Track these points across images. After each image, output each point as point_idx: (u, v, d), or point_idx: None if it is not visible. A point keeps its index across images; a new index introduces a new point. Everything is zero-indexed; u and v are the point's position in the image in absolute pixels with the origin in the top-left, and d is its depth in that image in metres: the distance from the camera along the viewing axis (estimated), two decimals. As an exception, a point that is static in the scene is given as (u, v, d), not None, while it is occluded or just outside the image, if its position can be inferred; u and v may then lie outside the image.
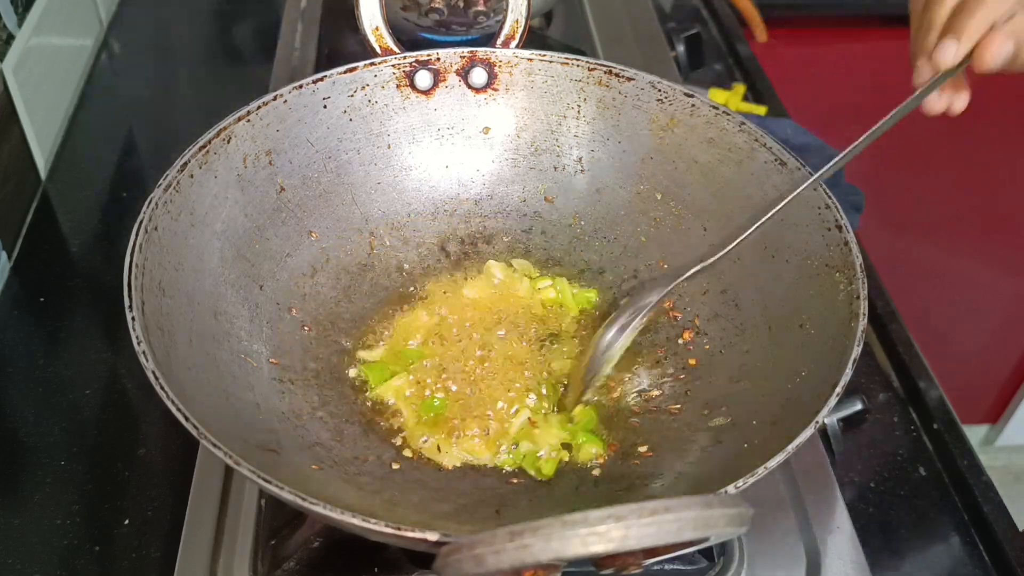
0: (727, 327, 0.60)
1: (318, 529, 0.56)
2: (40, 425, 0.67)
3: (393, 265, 0.66)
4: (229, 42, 1.14)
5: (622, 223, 0.67)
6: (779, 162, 0.59)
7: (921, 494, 0.66)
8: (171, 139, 0.94)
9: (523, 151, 0.68)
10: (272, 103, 0.61)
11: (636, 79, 0.64)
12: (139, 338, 0.46)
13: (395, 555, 0.55)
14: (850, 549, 0.59)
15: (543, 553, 0.32)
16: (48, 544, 0.60)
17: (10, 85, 0.81)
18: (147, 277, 0.50)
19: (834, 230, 0.55)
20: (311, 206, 0.64)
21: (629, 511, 0.32)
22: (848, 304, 0.52)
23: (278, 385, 0.56)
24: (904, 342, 0.75)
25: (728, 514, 0.34)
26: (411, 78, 0.65)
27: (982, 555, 0.63)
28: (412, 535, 0.40)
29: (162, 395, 0.44)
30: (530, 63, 0.66)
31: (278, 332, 0.59)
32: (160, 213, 0.53)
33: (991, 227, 1.59)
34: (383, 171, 0.67)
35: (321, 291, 0.63)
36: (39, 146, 0.87)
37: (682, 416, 0.57)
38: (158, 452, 0.65)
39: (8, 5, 0.82)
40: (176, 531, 0.58)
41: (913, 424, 0.70)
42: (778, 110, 1.01)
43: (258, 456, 0.48)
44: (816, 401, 0.46)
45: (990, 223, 1.59)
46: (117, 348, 0.73)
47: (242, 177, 0.59)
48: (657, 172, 0.65)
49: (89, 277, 0.80)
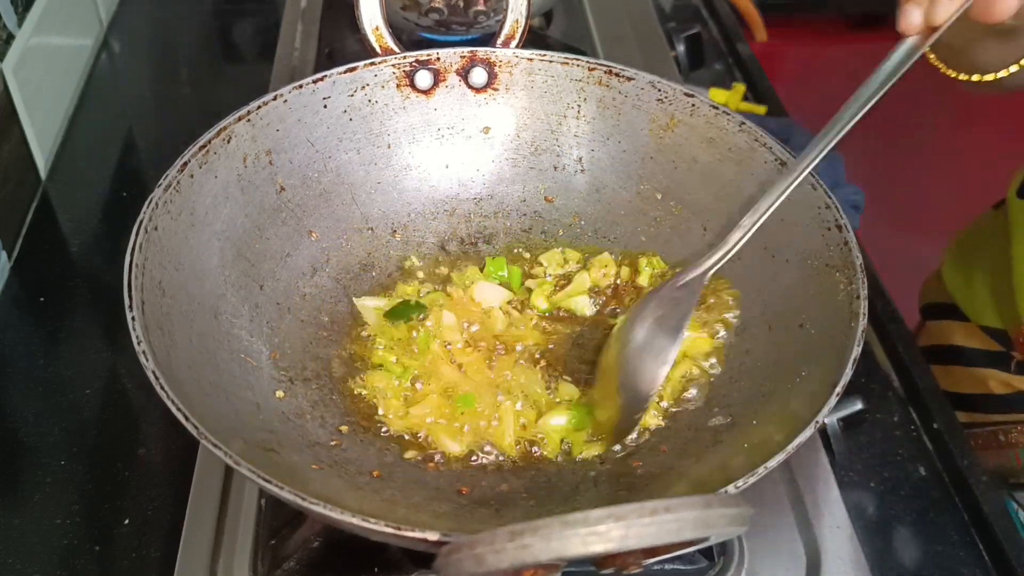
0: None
1: (318, 529, 0.56)
2: (40, 425, 0.67)
3: (393, 265, 0.66)
4: (229, 42, 1.14)
5: (622, 223, 0.67)
6: (779, 162, 0.59)
7: (921, 494, 0.66)
8: (171, 139, 0.94)
9: (523, 151, 0.68)
10: (272, 103, 0.61)
11: (636, 79, 0.64)
12: (139, 338, 0.46)
13: (395, 555, 0.55)
14: (850, 549, 0.59)
15: (543, 553, 0.32)
16: (48, 544, 0.60)
17: (10, 85, 0.81)
18: (147, 277, 0.50)
19: (834, 230, 0.55)
20: (311, 206, 0.64)
21: (629, 511, 0.32)
22: (848, 304, 0.52)
23: (278, 385, 0.56)
24: (904, 342, 0.75)
25: (728, 514, 0.34)
26: (411, 78, 0.65)
27: (982, 555, 0.62)
28: (412, 535, 0.40)
29: (162, 395, 0.44)
30: (530, 63, 0.66)
31: (278, 332, 0.59)
32: (160, 213, 0.53)
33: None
34: (383, 171, 0.67)
35: (321, 291, 0.63)
36: (39, 146, 0.87)
37: (682, 416, 0.57)
38: (158, 452, 0.65)
39: (8, 5, 0.82)
40: (176, 531, 0.58)
41: (913, 424, 0.70)
42: (778, 110, 1.01)
43: (258, 456, 0.48)
44: (816, 401, 0.46)
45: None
46: (117, 348, 0.73)
47: (242, 177, 0.59)
48: (657, 172, 0.65)
49: (89, 277, 0.80)
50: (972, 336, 0.92)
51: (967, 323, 0.92)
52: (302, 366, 0.59)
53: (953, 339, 0.94)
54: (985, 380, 0.89)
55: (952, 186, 2.00)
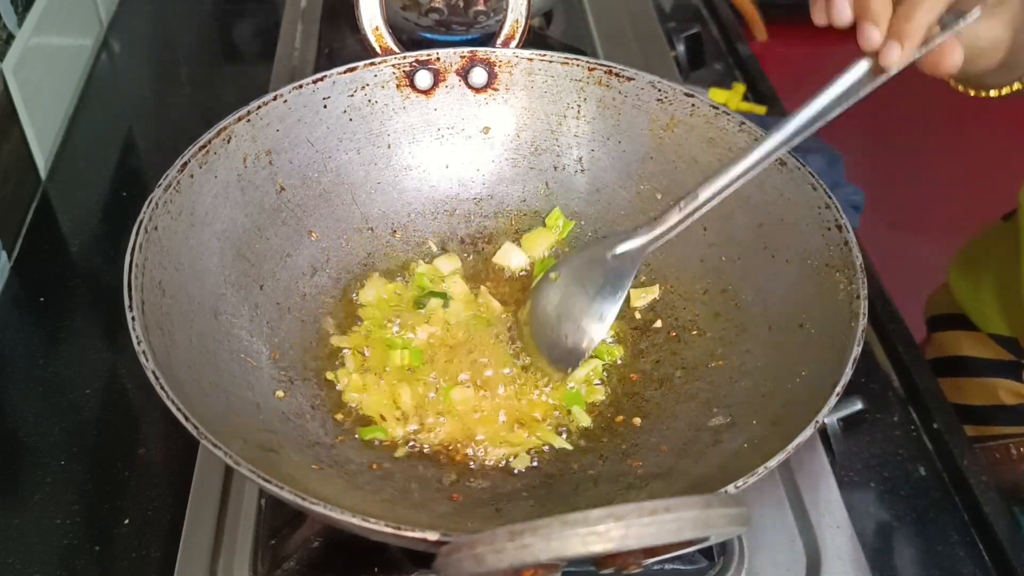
0: (727, 327, 0.60)
1: (318, 529, 0.56)
2: (40, 425, 0.67)
3: (393, 265, 0.67)
4: (229, 42, 1.14)
5: (622, 223, 0.67)
6: (779, 162, 0.59)
7: (921, 494, 0.66)
8: (171, 139, 0.94)
9: (523, 151, 0.68)
10: (272, 103, 0.61)
11: (636, 79, 0.64)
12: (139, 338, 0.46)
13: (395, 555, 0.55)
14: (850, 549, 0.59)
15: (543, 552, 0.32)
16: (48, 544, 0.60)
17: (10, 85, 0.81)
18: (147, 277, 0.50)
19: (834, 230, 0.55)
20: (311, 206, 0.64)
21: (629, 511, 0.32)
22: (848, 304, 0.52)
23: (278, 385, 0.56)
24: (904, 342, 0.75)
25: (728, 514, 0.34)
26: (411, 78, 0.65)
27: (982, 555, 0.62)
28: (412, 535, 0.40)
29: (162, 395, 0.44)
30: (530, 63, 0.66)
31: (278, 332, 0.59)
32: (160, 213, 0.53)
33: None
34: (383, 171, 0.67)
35: (321, 291, 0.63)
36: (39, 146, 0.87)
37: (682, 416, 0.57)
38: (158, 452, 0.65)
39: (8, 5, 0.82)
40: (176, 531, 0.58)
41: (913, 424, 0.70)
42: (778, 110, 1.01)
43: (258, 456, 0.48)
44: (816, 401, 0.46)
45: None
46: (117, 348, 0.73)
47: (242, 177, 0.59)
48: (657, 172, 0.65)
49: (89, 277, 0.80)
50: (981, 345, 0.91)
51: (976, 332, 0.91)
52: (302, 366, 0.59)
53: (961, 349, 0.93)
54: (995, 391, 0.89)
55: (952, 186, 2.01)
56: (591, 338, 0.59)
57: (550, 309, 0.61)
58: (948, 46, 0.51)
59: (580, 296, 0.60)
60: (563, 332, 0.60)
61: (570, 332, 0.59)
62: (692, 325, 0.61)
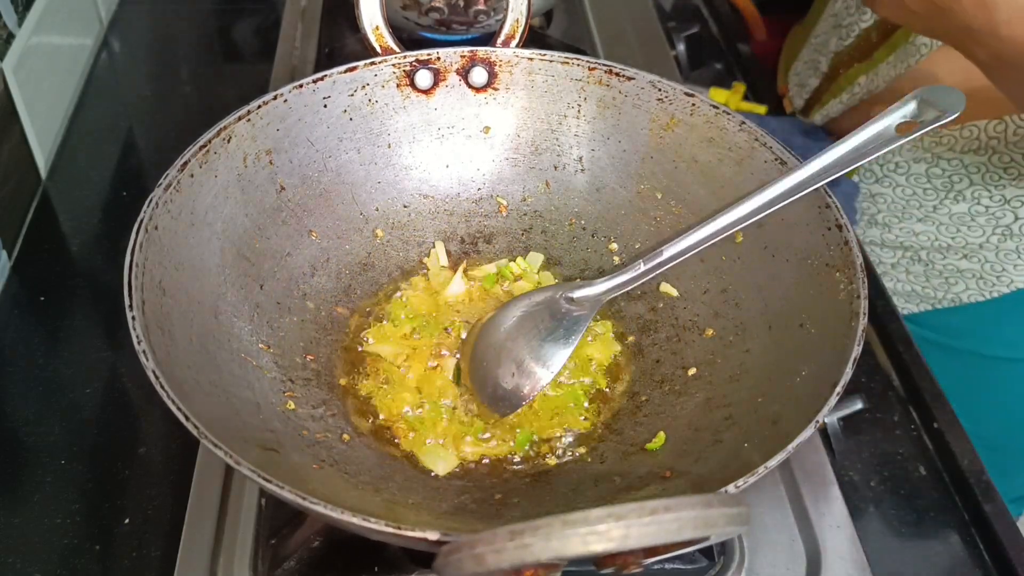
0: (727, 327, 0.60)
1: (318, 529, 0.56)
2: (40, 425, 0.67)
3: (393, 264, 0.67)
4: (229, 42, 1.14)
5: (622, 222, 0.67)
6: (779, 161, 0.59)
7: (921, 494, 0.66)
8: (171, 139, 0.94)
9: (523, 151, 0.68)
10: (272, 102, 0.61)
11: (636, 78, 0.64)
12: (139, 338, 0.46)
13: (395, 555, 0.55)
14: (850, 549, 0.59)
15: (543, 552, 0.32)
16: (48, 543, 0.60)
17: (10, 85, 0.81)
18: (147, 276, 0.50)
19: (834, 229, 0.55)
20: (311, 205, 0.64)
21: (629, 510, 0.32)
22: (848, 303, 0.52)
23: (278, 385, 0.56)
24: (904, 342, 0.75)
25: (728, 513, 0.34)
26: (411, 77, 0.65)
27: (982, 555, 0.62)
28: (412, 534, 0.40)
29: (162, 395, 0.44)
30: (530, 62, 0.66)
31: (279, 331, 0.59)
32: (160, 212, 0.53)
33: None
34: (383, 170, 0.67)
35: (321, 290, 0.63)
36: (39, 146, 0.87)
37: (682, 415, 0.57)
38: (158, 451, 0.65)
39: (8, 4, 0.82)
40: (176, 531, 0.58)
41: (913, 424, 0.70)
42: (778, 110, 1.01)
43: (258, 456, 0.48)
44: (816, 401, 0.46)
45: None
46: (117, 348, 0.73)
47: (242, 176, 0.59)
48: (657, 171, 0.65)
49: (89, 277, 0.80)
50: None
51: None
52: (302, 365, 0.59)
53: None
54: None
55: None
56: (534, 383, 0.55)
57: (496, 345, 0.57)
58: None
59: (531, 336, 0.57)
60: (507, 371, 0.56)
61: (514, 372, 0.56)
62: (692, 325, 0.62)
